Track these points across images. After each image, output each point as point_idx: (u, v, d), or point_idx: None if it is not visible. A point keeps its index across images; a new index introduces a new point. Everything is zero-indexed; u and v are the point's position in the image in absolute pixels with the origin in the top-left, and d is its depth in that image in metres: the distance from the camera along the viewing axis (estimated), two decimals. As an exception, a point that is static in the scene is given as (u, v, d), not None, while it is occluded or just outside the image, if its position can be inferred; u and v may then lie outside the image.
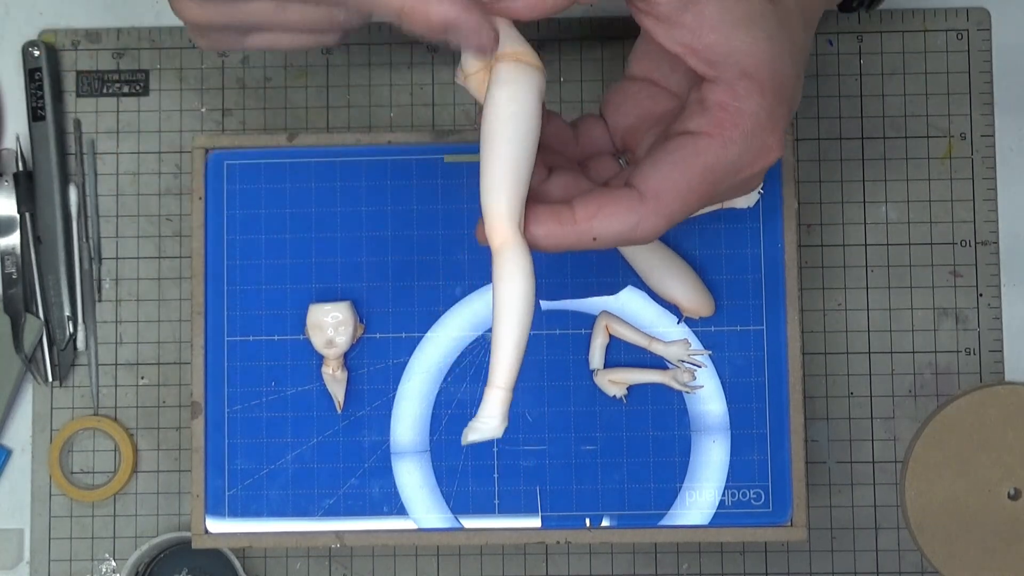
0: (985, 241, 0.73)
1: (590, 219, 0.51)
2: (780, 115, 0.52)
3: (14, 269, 0.73)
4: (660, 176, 0.51)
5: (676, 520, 0.67)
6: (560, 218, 0.51)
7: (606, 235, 0.51)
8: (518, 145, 0.50)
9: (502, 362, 0.51)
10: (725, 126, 0.51)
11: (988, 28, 0.73)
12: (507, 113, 0.50)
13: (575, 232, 0.51)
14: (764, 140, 0.52)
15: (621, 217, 0.51)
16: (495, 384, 0.51)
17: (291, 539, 0.67)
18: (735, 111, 0.51)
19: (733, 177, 0.52)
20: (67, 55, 0.75)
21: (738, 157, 0.52)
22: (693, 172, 0.51)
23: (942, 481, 0.69)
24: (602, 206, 0.51)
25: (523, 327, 0.51)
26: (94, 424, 0.73)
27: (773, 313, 0.67)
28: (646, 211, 0.51)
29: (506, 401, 0.51)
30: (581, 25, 0.74)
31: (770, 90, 0.51)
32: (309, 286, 0.68)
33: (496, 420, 0.51)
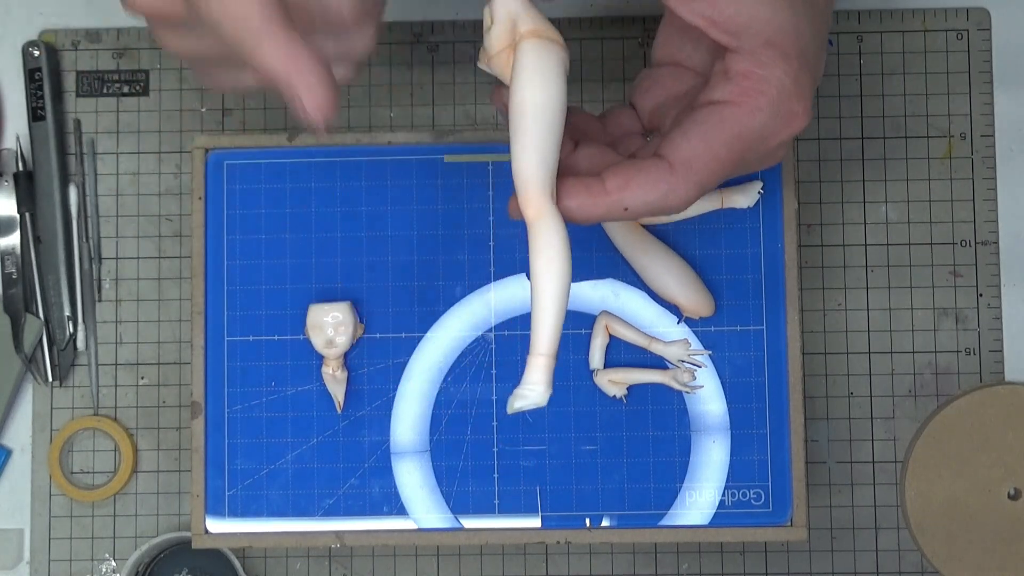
0: (985, 241, 0.73)
1: (621, 190, 0.52)
2: (805, 82, 0.52)
3: (14, 269, 0.73)
4: (689, 145, 0.52)
5: (676, 520, 0.67)
6: (591, 190, 0.52)
7: (637, 205, 0.52)
8: (547, 121, 0.51)
9: (544, 329, 0.51)
10: (750, 94, 0.52)
11: (988, 28, 0.73)
12: (535, 89, 0.51)
13: (606, 203, 0.52)
14: (790, 107, 0.52)
15: (651, 187, 0.51)
16: (538, 351, 0.51)
17: (291, 539, 0.67)
18: (759, 79, 0.51)
19: (760, 145, 0.52)
20: (67, 55, 0.75)
21: (765, 124, 0.52)
22: (721, 140, 0.52)
23: (942, 481, 0.69)
24: (632, 176, 0.52)
25: (562, 295, 0.51)
26: (94, 424, 0.73)
27: (773, 313, 0.67)
28: (676, 180, 0.52)
29: (550, 368, 0.51)
30: (581, 25, 0.74)
31: (794, 56, 0.52)
32: (309, 286, 0.68)
33: (541, 387, 0.51)
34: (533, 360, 0.51)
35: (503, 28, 0.52)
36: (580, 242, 0.68)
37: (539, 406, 0.51)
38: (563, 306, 0.51)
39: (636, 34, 0.74)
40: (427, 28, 0.74)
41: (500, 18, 0.52)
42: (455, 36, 0.74)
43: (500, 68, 0.52)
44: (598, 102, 0.73)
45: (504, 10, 0.52)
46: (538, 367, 0.51)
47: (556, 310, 0.51)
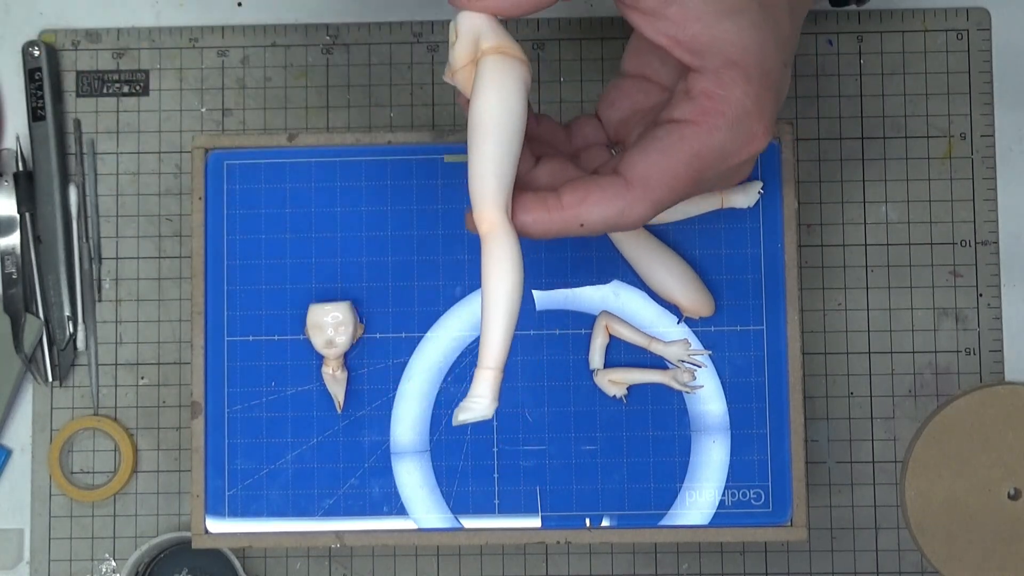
0: (985, 241, 0.73)
1: (577, 205, 0.52)
2: (766, 102, 0.52)
3: (14, 269, 0.73)
4: (647, 163, 0.52)
5: (676, 520, 0.67)
6: (547, 204, 0.52)
7: (593, 221, 0.52)
8: (504, 135, 0.51)
9: (492, 343, 0.51)
10: (710, 113, 0.52)
11: (988, 28, 0.73)
12: (493, 103, 0.51)
13: (562, 218, 0.52)
14: (750, 127, 0.52)
15: (608, 203, 0.52)
16: (485, 365, 0.52)
17: (291, 539, 0.67)
18: (720, 99, 0.52)
19: (720, 164, 0.53)
20: (67, 55, 0.75)
21: (724, 144, 0.52)
22: (679, 159, 0.52)
23: (942, 481, 0.69)
24: (589, 192, 0.52)
25: (512, 309, 0.51)
26: (94, 424, 0.73)
27: (773, 313, 0.67)
28: (632, 197, 0.52)
29: (496, 381, 0.52)
30: (581, 25, 0.74)
31: (756, 77, 0.52)
32: (309, 286, 0.68)
33: (487, 400, 0.51)
34: (480, 373, 0.52)
35: (466, 43, 0.53)
36: (580, 242, 0.68)
37: (485, 419, 0.52)
38: (513, 320, 0.51)
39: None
40: (427, 28, 0.74)
41: (463, 33, 0.53)
42: (455, 36, 0.74)
43: (463, 83, 0.53)
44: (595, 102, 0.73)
45: (467, 25, 0.53)
46: (485, 380, 0.51)
47: (506, 324, 0.51)
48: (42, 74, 0.73)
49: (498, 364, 0.51)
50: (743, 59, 0.51)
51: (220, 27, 0.75)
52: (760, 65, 0.52)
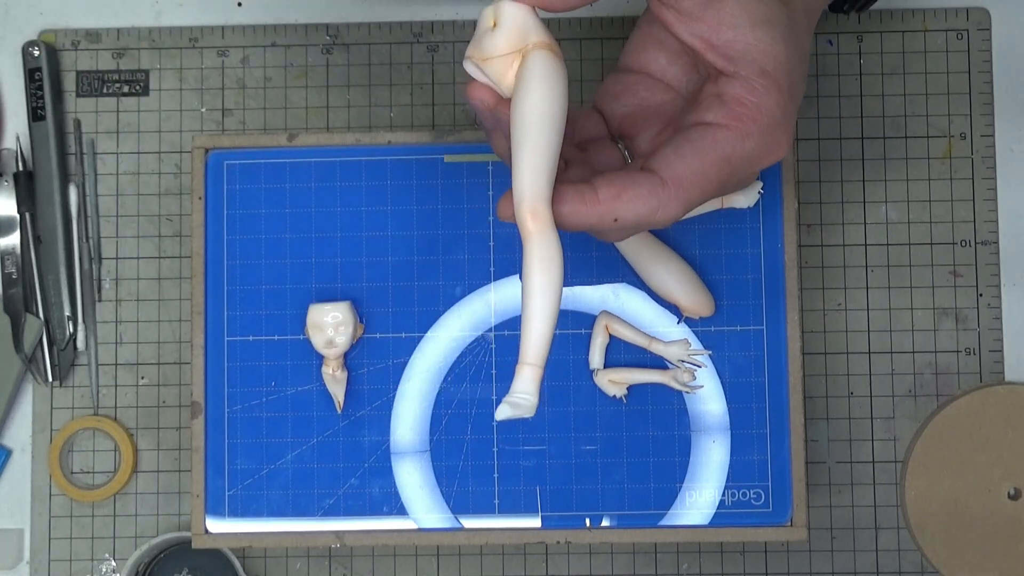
0: (985, 241, 0.73)
1: (613, 200, 0.52)
2: (791, 112, 0.54)
3: (14, 269, 0.73)
4: (682, 163, 0.52)
5: (676, 520, 0.67)
6: (584, 197, 0.52)
7: (627, 216, 0.52)
8: (552, 131, 0.51)
9: (534, 339, 0.51)
10: (743, 120, 0.53)
11: (988, 28, 0.73)
12: (546, 99, 0.51)
13: (597, 212, 0.52)
14: (777, 136, 0.53)
15: (643, 200, 0.52)
16: (527, 361, 0.51)
17: (291, 539, 0.67)
18: (753, 106, 0.52)
19: (746, 169, 0.54)
20: (67, 55, 0.75)
21: (754, 150, 0.53)
22: (712, 161, 0.52)
23: (942, 481, 0.69)
24: (625, 188, 0.52)
25: (554, 307, 0.51)
26: (94, 424, 0.73)
27: (773, 313, 0.67)
28: (667, 196, 0.52)
29: (539, 378, 0.52)
30: (581, 25, 0.74)
31: (786, 88, 0.53)
32: (309, 286, 0.68)
33: (531, 396, 0.51)
34: (523, 369, 0.52)
35: (509, 33, 0.52)
36: (580, 242, 0.68)
37: (527, 416, 0.52)
38: (555, 317, 0.51)
39: (636, 34, 0.74)
40: (427, 28, 0.74)
41: (508, 22, 0.52)
42: (455, 36, 0.74)
43: (496, 71, 0.52)
44: (598, 102, 0.73)
45: (513, 14, 0.52)
46: (528, 377, 0.52)
47: (548, 321, 0.51)
48: (42, 74, 0.73)
49: (540, 360, 0.51)
50: (775, 70, 0.52)
51: (220, 27, 0.75)
52: (788, 76, 0.53)
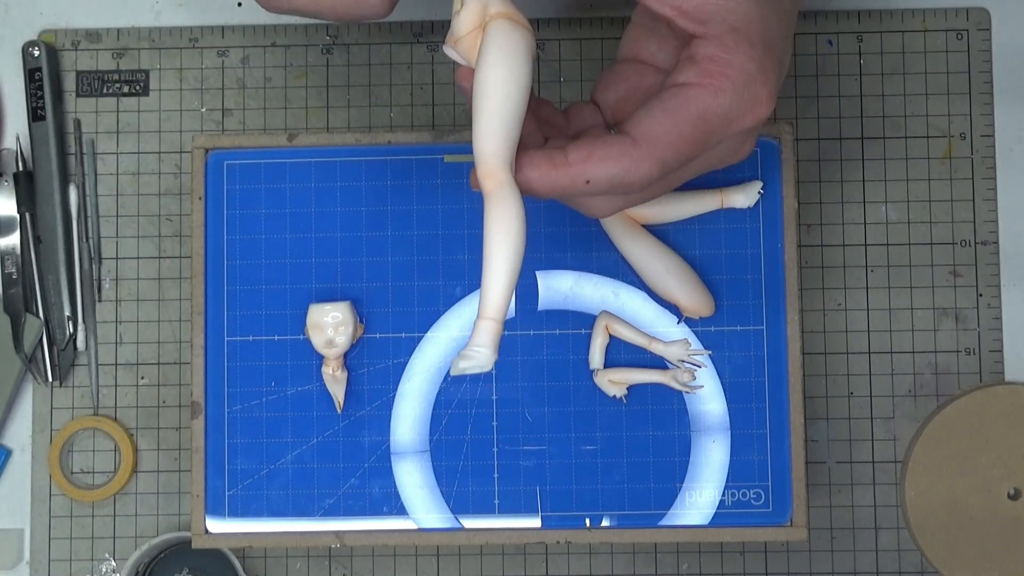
0: (985, 241, 0.73)
1: (583, 161, 0.52)
2: (769, 68, 0.53)
3: (14, 269, 0.73)
4: (652, 121, 0.52)
5: (676, 520, 0.67)
6: (553, 160, 0.52)
7: (599, 178, 0.52)
8: (509, 95, 0.51)
9: (493, 293, 0.51)
10: (715, 76, 0.53)
11: (988, 28, 0.73)
12: (499, 64, 0.52)
13: (568, 174, 0.52)
14: (754, 91, 0.53)
15: (614, 160, 0.52)
16: (485, 315, 0.51)
17: (291, 539, 0.67)
18: (724, 62, 0.53)
19: (725, 128, 0.53)
20: (67, 55, 0.75)
21: (729, 106, 0.53)
22: (685, 119, 0.52)
23: (942, 481, 0.69)
24: (595, 149, 0.52)
25: (514, 262, 0.51)
26: (94, 424, 0.73)
27: (773, 313, 0.67)
28: (638, 154, 0.52)
29: (496, 332, 0.51)
30: (581, 25, 0.74)
31: (759, 43, 0.53)
32: (309, 286, 0.68)
33: (487, 349, 0.51)
34: (481, 324, 0.51)
35: (472, 10, 0.53)
36: (580, 242, 0.68)
37: (484, 370, 0.51)
38: (515, 273, 0.51)
39: (636, 34, 0.74)
40: (427, 28, 0.74)
41: (469, 2, 0.53)
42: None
43: (466, 49, 0.53)
44: (598, 102, 0.73)
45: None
46: (486, 330, 0.51)
47: (508, 275, 0.51)
48: (42, 74, 0.73)
49: (499, 315, 0.51)
50: (746, 26, 0.53)
51: (220, 27, 0.75)
52: (762, 33, 0.53)
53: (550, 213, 0.68)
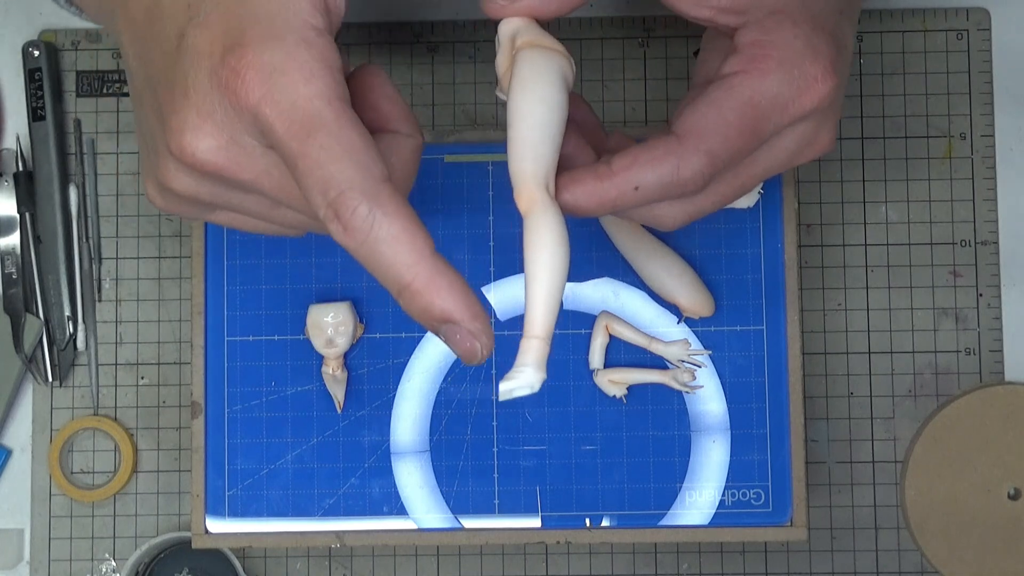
0: (985, 241, 0.73)
1: (627, 169, 0.50)
2: (820, 44, 0.50)
3: (14, 269, 0.73)
4: (697, 116, 0.50)
5: (676, 520, 0.67)
6: (598, 173, 0.50)
7: (648, 182, 0.50)
8: (539, 118, 0.49)
9: (538, 311, 0.48)
10: (757, 59, 0.50)
11: (988, 28, 0.73)
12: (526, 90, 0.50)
13: (615, 186, 0.50)
14: (805, 69, 0.50)
15: (659, 161, 0.50)
16: (531, 334, 0.48)
17: (291, 539, 0.67)
18: (766, 44, 0.50)
19: (780, 113, 0.50)
20: (67, 55, 0.75)
21: (778, 87, 0.50)
22: (731, 106, 0.50)
23: (942, 481, 0.69)
24: (640, 153, 0.50)
25: (558, 278, 0.49)
26: (94, 424, 0.73)
27: (773, 313, 0.67)
28: (684, 150, 0.50)
29: (544, 352, 0.49)
30: (581, 25, 0.74)
31: (803, 20, 0.50)
32: (309, 286, 0.68)
33: (532, 369, 0.48)
34: (527, 343, 0.49)
35: (505, 48, 0.52)
36: (580, 242, 0.68)
37: (533, 391, 0.49)
38: (560, 290, 0.49)
39: (636, 34, 0.74)
40: (427, 28, 0.74)
41: (502, 41, 0.52)
42: (455, 36, 0.74)
43: (506, 88, 0.52)
44: (598, 102, 0.73)
45: (505, 31, 0.52)
46: (532, 349, 0.49)
47: (552, 292, 0.49)
48: (42, 74, 0.73)
49: (545, 333, 0.49)
50: (786, 6, 0.50)
51: (220, 27, 0.75)
52: (806, 10, 0.50)
53: (550, 213, 0.68)
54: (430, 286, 0.45)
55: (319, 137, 0.44)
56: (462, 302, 0.46)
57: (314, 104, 0.44)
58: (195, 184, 0.48)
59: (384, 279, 0.46)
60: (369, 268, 0.46)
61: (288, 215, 0.50)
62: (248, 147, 0.46)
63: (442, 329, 0.46)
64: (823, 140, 0.53)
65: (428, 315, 0.46)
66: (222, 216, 0.52)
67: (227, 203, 0.50)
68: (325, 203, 0.44)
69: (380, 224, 0.44)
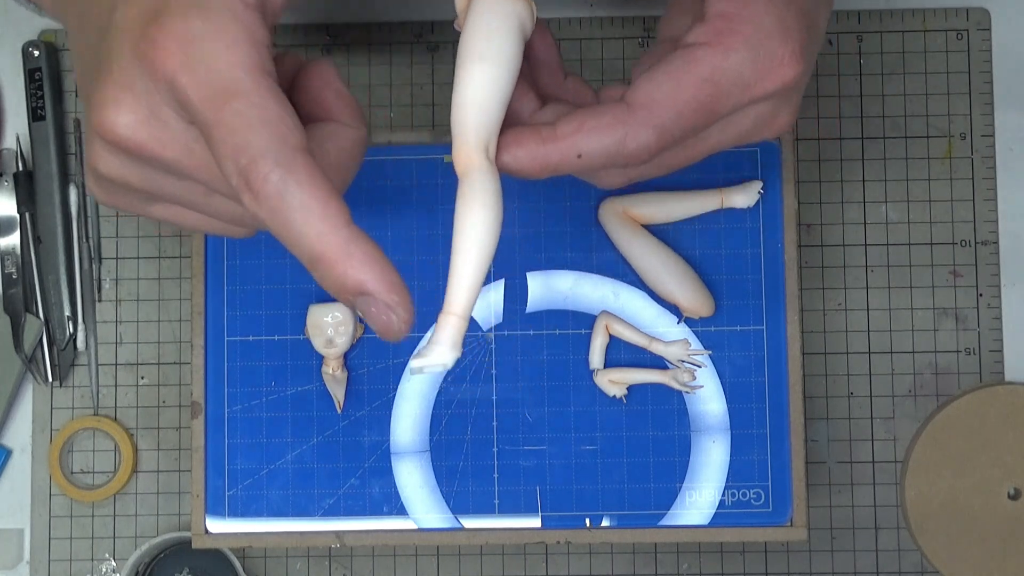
0: (985, 241, 0.73)
1: (574, 134, 0.48)
2: (793, 25, 0.48)
3: (14, 269, 0.73)
4: (652, 86, 0.48)
5: (676, 520, 0.67)
6: (541, 135, 0.48)
7: (592, 149, 0.48)
8: (490, 68, 0.47)
9: (459, 288, 0.47)
10: (725, 33, 0.48)
11: (988, 28, 0.73)
12: (480, 32, 0.48)
13: (558, 150, 0.48)
14: (772, 50, 0.48)
15: (607, 130, 0.47)
16: (449, 311, 0.47)
17: (291, 539, 0.67)
18: (736, 18, 0.48)
19: (740, 94, 0.48)
20: (67, 55, 0.75)
21: (741, 67, 0.48)
22: (689, 81, 0.47)
23: (942, 481, 0.69)
24: (586, 119, 0.48)
25: (484, 254, 0.47)
26: (94, 424, 0.73)
27: (773, 313, 0.67)
28: (634, 121, 0.47)
29: (461, 329, 0.47)
30: (581, 25, 0.74)
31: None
32: (309, 286, 0.68)
33: (447, 347, 0.47)
34: (444, 319, 0.47)
35: None
36: (580, 242, 0.68)
37: (444, 368, 0.47)
38: (484, 266, 0.47)
39: (636, 34, 0.74)
40: (427, 28, 0.74)
41: None
42: (455, 36, 0.74)
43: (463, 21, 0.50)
44: (598, 102, 0.73)
45: None
46: (449, 325, 0.47)
47: (476, 269, 0.47)
48: (42, 74, 0.73)
49: (464, 311, 0.47)
50: None
51: (220, 27, 0.75)
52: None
53: (550, 213, 0.68)
54: (343, 256, 0.43)
55: (235, 104, 0.43)
56: (378, 273, 0.44)
57: (233, 72, 0.43)
58: (121, 167, 0.47)
59: (297, 250, 0.44)
60: (282, 239, 0.44)
61: (222, 205, 0.48)
62: (169, 122, 0.45)
63: (357, 302, 0.44)
64: (781, 121, 0.51)
65: (342, 287, 0.44)
66: (159, 210, 0.50)
67: (159, 190, 0.48)
68: (236, 171, 0.43)
69: (292, 192, 0.43)
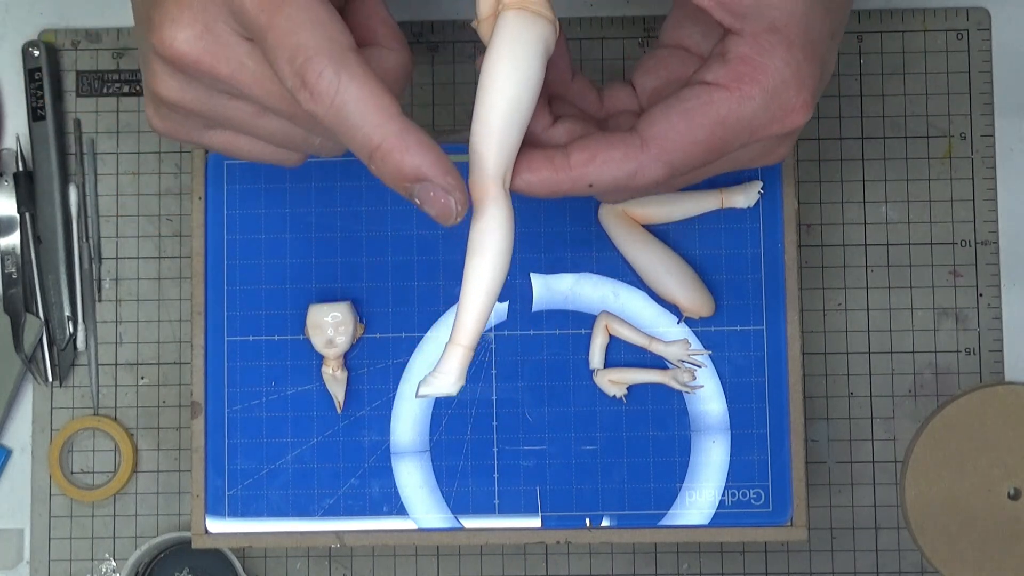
0: (985, 241, 0.73)
1: (586, 164, 0.49)
2: (808, 74, 0.49)
3: (14, 269, 0.73)
4: (667, 123, 0.49)
5: (676, 520, 0.67)
6: (554, 163, 0.49)
7: (602, 181, 0.49)
8: (514, 99, 0.48)
9: (467, 320, 0.49)
10: (744, 80, 0.49)
11: (988, 28, 0.73)
12: (506, 63, 0.48)
13: (569, 178, 0.49)
14: (787, 99, 0.49)
15: (618, 164, 0.49)
16: (457, 341, 0.49)
17: (291, 539, 0.67)
18: (757, 65, 0.49)
19: (747, 136, 0.50)
20: (67, 55, 0.75)
21: (754, 114, 0.49)
22: (702, 123, 0.49)
23: (942, 481, 0.69)
24: (599, 151, 0.49)
25: (492, 288, 0.49)
26: (94, 424, 0.73)
27: (773, 313, 0.67)
28: (646, 158, 0.49)
29: (466, 359, 0.50)
30: (581, 25, 0.74)
31: (799, 46, 0.49)
32: (309, 286, 0.68)
33: (453, 376, 0.50)
34: (451, 349, 0.50)
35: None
36: (580, 242, 0.68)
37: (448, 395, 0.50)
38: (492, 299, 0.49)
39: (636, 34, 0.74)
40: (427, 28, 0.74)
41: None
42: (455, 36, 0.74)
43: (484, 35, 0.50)
44: (598, 102, 0.73)
45: None
46: (454, 356, 0.50)
47: (484, 302, 0.49)
48: (42, 74, 0.73)
49: (471, 343, 0.49)
50: (787, 25, 0.49)
51: (220, 27, 0.75)
52: (805, 33, 0.49)
53: (550, 213, 0.68)
54: (400, 145, 0.46)
55: (287, 9, 0.45)
56: (433, 159, 0.46)
57: None
58: (180, 89, 0.49)
59: (353, 143, 0.46)
60: (338, 134, 0.46)
61: (274, 124, 0.50)
62: (223, 35, 0.47)
63: (415, 190, 0.46)
64: (779, 153, 0.53)
65: (400, 174, 0.46)
66: (215, 136, 0.52)
67: (215, 112, 0.50)
68: (292, 71, 0.45)
69: (347, 87, 0.45)
